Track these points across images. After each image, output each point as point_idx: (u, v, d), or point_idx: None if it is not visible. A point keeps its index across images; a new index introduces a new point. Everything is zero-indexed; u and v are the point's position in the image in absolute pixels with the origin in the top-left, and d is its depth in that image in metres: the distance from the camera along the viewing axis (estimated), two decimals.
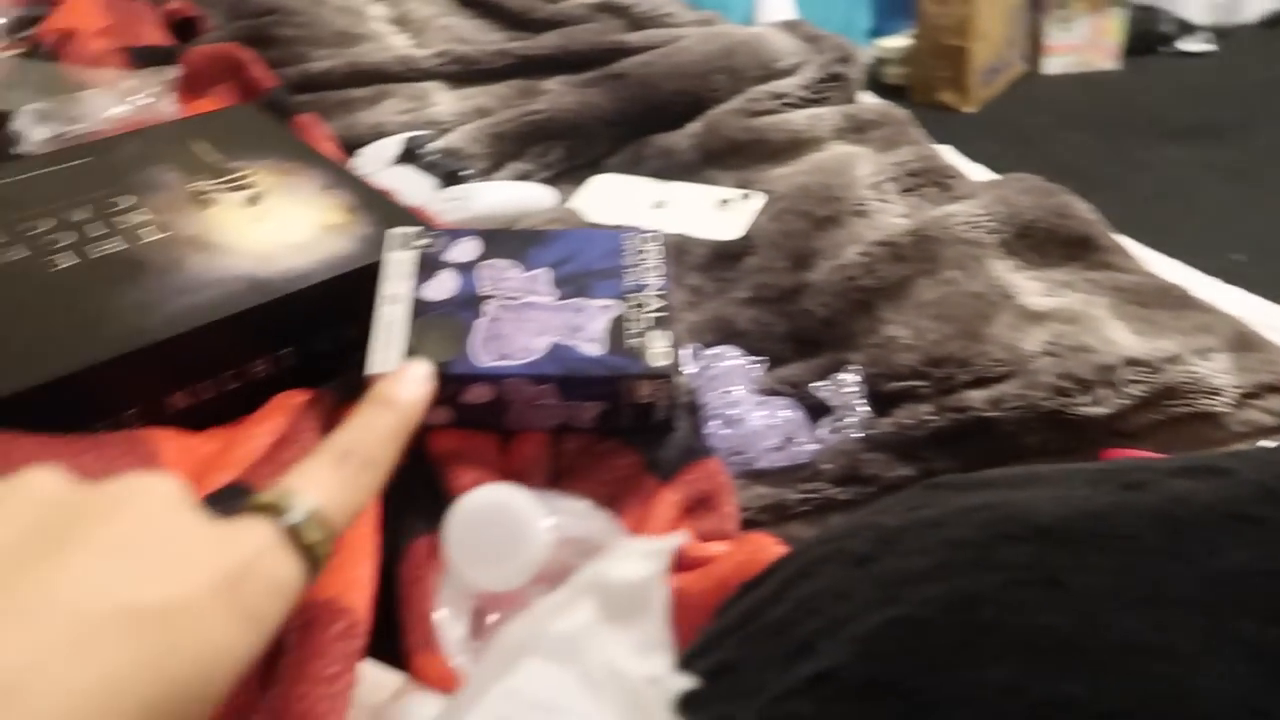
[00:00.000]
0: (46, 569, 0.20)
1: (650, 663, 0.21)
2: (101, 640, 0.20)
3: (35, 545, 0.20)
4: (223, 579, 0.23)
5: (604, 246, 0.56)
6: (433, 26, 1.15)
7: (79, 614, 0.20)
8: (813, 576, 0.33)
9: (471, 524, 0.28)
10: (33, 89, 0.81)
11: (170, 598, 0.21)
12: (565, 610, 0.23)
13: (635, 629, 0.21)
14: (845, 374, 0.59)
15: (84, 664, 0.19)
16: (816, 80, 0.90)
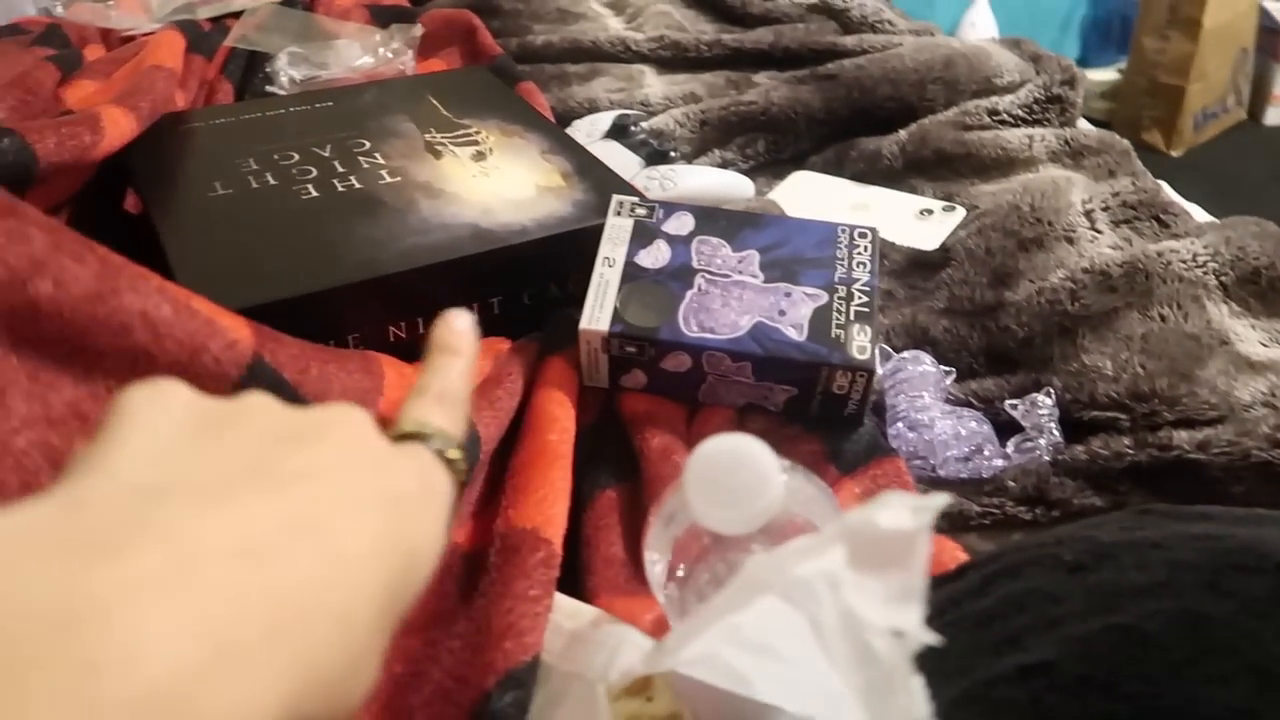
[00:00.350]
0: (300, 459, 0.23)
1: (899, 614, 0.22)
2: (358, 512, 0.22)
3: (282, 445, 0.23)
4: (419, 484, 0.26)
5: (817, 236, 0.57)
6: (648, 12, 1.18)
7: (338, 491, 0.22)
8: (1020, 577, 0.34)
9: (714, 467, 0.29)
10: (289, 35, 0.88)
11: (396, 490, 0.25)
12: (812, 554, 0.24)
13: (891, 579, 0.22)
14: (1040, 396, 0.58)
15: (368, 522, 0.22)
16: (1036, 100, 0.88)
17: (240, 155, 0.68)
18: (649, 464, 0.51)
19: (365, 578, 0.21)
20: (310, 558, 0.20)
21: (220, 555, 0.18)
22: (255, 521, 0.20)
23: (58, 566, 0.17)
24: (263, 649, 0.18)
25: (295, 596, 0.19)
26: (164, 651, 0.16)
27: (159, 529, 0.18)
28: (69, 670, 0.15)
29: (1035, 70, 0.94)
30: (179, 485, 0.20)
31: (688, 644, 0.27)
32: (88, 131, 0.56)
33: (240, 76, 0.86)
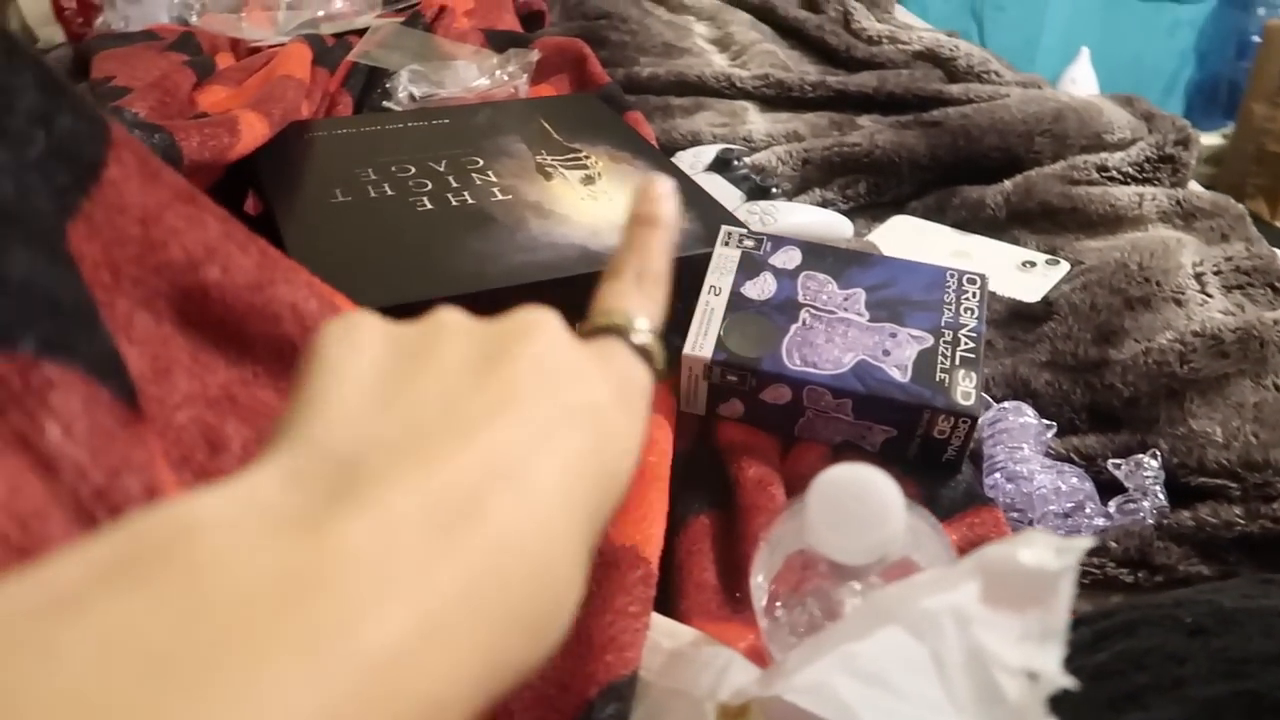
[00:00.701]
0: (491, 391, 0.22)
1: (1036, 654, 0.22)
2: (553, 443, 0.22)
3: (472, 376, 0.23)
4: (615, 387, 0.25)
5: (926, 279, 0.57)
6: (752, 51, 1.20)
7: (531, 424, 0.22)
8: (1136, 635, 0.33)
9: (840, 492, 0.29)
10: (409, 54, 0.91)
11: (592, 400, 0.24)
12: (943, 586, 0.24)
13: (1029, 617, 0.22)
14: (1145, 457, 0.56)
15: (562, 447, 0.22)
16: (1147, 158, 0.87)
17: (360, 165, 0.71)
18: (744, 493, 0.51)
19: (564, 510, 0.21)
20: (508, 508, 0.20)
21: (419, 522, 0.18)
22: (452, 479, 0.20)
23: (278, 539, 0.17)
24: (466, 612, 0.18)
25: (495, 552, 0.19)
26: (376, 623, 0.17)
27: (361, 500, 0.18)
28: (295, 639, 0.16)
29: (1148, 128, 0.92)
30: (376, 450, 0.20)
31: (801, 669, 0.27)
32: (227, 133, 0.59)
33: (360, 91, 0.89)
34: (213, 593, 0.16)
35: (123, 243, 0.28)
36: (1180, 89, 2.74)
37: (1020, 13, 2.53)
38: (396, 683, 0.16)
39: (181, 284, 0.30)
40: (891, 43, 1.20)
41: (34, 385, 0.21)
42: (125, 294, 0.28)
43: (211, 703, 0.14)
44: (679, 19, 1.33)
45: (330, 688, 0.15)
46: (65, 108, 0.27)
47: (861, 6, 1.30)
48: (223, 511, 0.18)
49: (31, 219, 0.24)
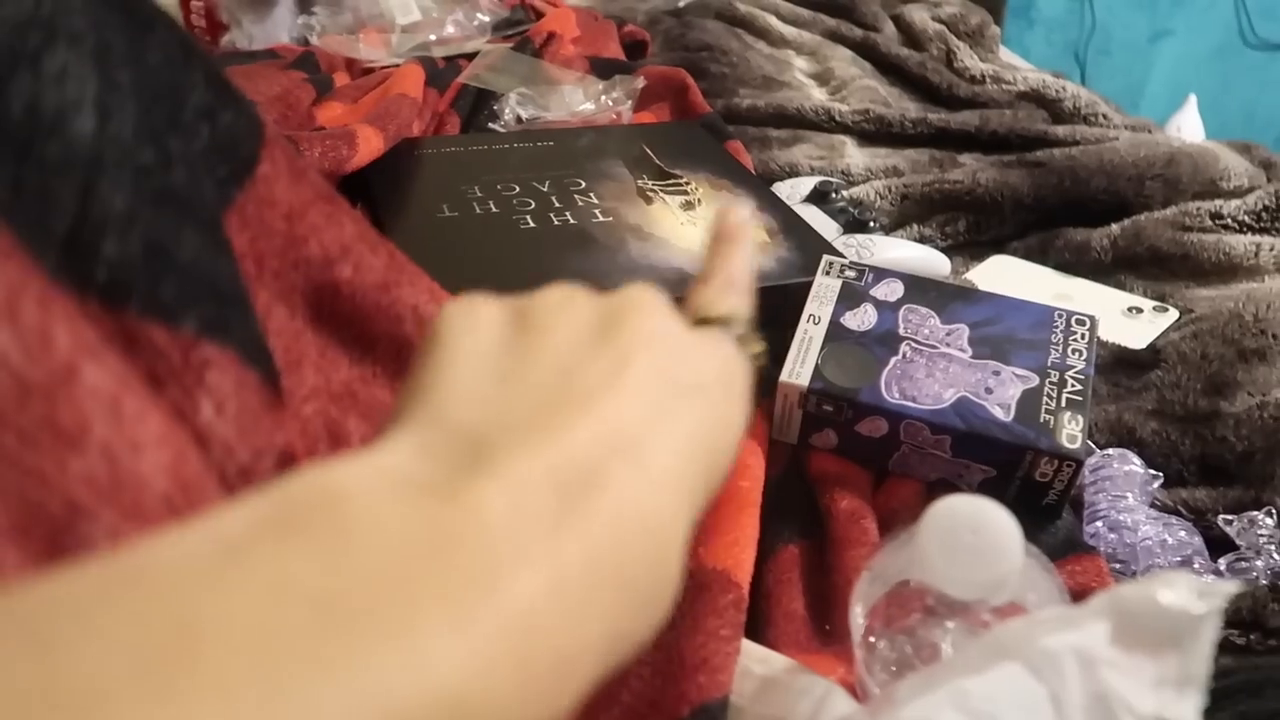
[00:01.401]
0: (604, 363, 0.24)
1: (1171, 701, 0.21)
2: (665, 416, 0.23)
3: (585, 349, 0.24)
4: (719, 371, 0.27)
5: (1032, 318, 0.56)
6: (852, 86, 1.19)
7: (644, 396, 0.23)
8: (1261, 697, 0.32)
9: (957, 522, 0.29)
10: (517, 77, 0.93)
11: (700, 380, 0.25)
12: (1069, 625, 0.23)
13: (1166, 661, 0.21)
14: (1260, 514, 0.54)
15: (674, 424, 0.23)
16: (1265, 207, 0.83)
17: (466, 182, 0.72)
18: (837, 525, 0.50)
19: (675, 487, 0.22)
20: (624, 479, 0.21)
21: (545, 490, 0.20)
22: (572, 450, 0.21)
23: (416, 502, 0.19)
24: (590, 578, 0.19)
25: (614, 522, 0.20)
26: (513, 580, 0.18)
27: (490, 470, 0.20)
28: (442, 591, 0.17)
29: (1266, 177, 0.89)
30: (498, 424, 0.21)
31: (912, 702, 0.27)
32: (345, 146, 0.61)
33: (468, 112, 0.92)
34: (362, 547, 0.17)
35: (269, 236, 0.29)
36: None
37: (1125, 59, 2.47)
38: (532, 638, 0.17)
39: (317, 280, 0.31)
40: (995, 82, 1.19)
41: (193, 363, 0.22)
42: (266, 286, 0.29)
43: (370, 643, 0.15)
44: (779, 53, 1.34)
45: (476, 636, 0.17)
46: (228, 104, 0.28)
47: (965, 46, 1.29)
48: (364, 477, 0.19)
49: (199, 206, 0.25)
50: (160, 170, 0.24)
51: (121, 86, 0.23)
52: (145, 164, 0.23)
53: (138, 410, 0.21)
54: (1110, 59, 2.47)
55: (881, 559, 0.33)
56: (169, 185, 0.24)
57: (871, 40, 1.32)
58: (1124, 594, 0.22)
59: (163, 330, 0.22)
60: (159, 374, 0.22)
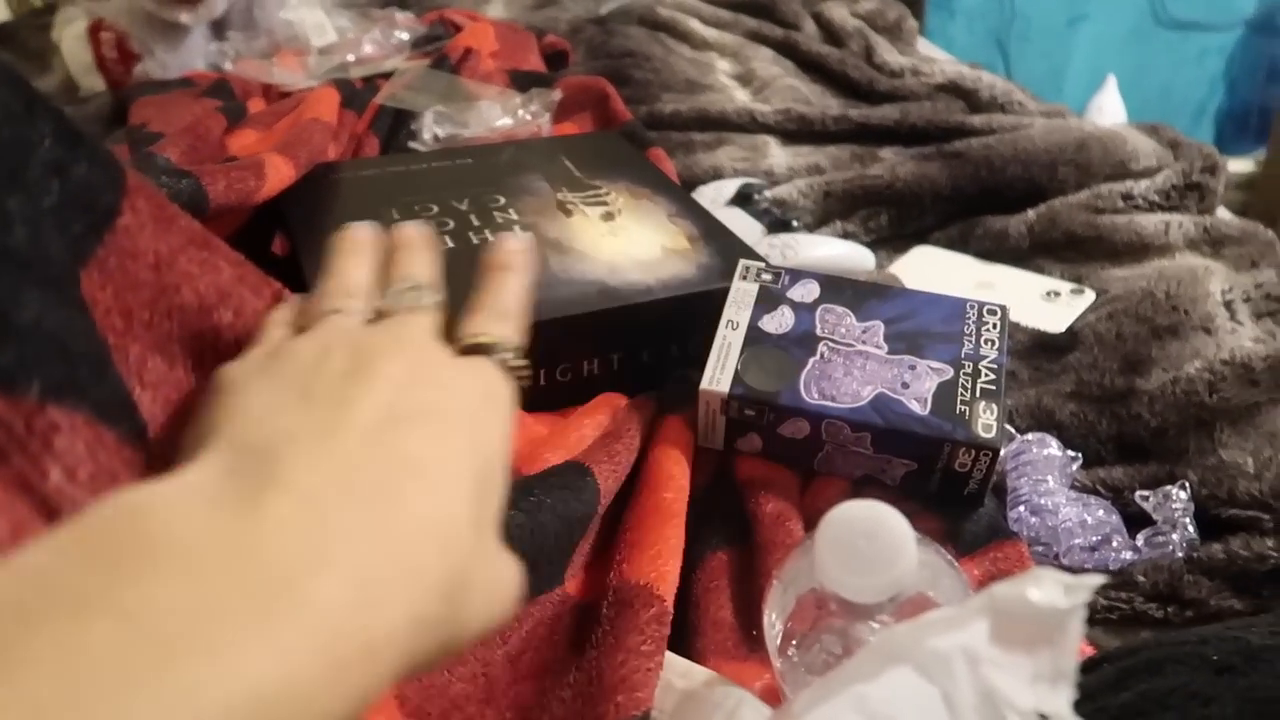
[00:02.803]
0: (378, 394, 0.26)
1: (1047, 696, 0.21)
2: (439, 438, 0.25)
3: (360, 380, 0.26)
4: (482, 395, 0.29)
5: (945, 311, 0.57)
6: (775, 86, 1.21)
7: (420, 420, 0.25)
8: (1160, 674, 0.32)
9: (849, 530, 0.29)
10: (435, 95, 0.93)
11: (465, 405, 0.27)
12: (952, 626, 0.23)
13: (1039, 658, 0.21)
14: (1174, 489, 0.55)
15: (437, 453, 0.25)
16: (1174, 186, 0.86)
17: (384, 205, 0.72)
18: (763, 529, 0.51)
19: (454, 492, 0.24)
20: (408, 487, 0.23)
21: (335, 499, 0.21)
22: (354, 463, 0.23)
23: (219, 514, 0.20)
24: (393, 573, 0.21)
25: (405, 522, 0.22)
26: (317, 580, 0.19)
27: (282, 481, 0.21)
28: (247, 597, 0.18)
29: (1174, 156, 0.91)
30: (284, 442, 0.23)
31: (812, 711, 0.27)
32: (253, 176, 0.61)
33: (386, 133, 0.91)
34: (166, 562, 0.18)
35: (135, 287, 0.29)
36: (1210, 116, 2.72)
37: (1046, 43, 2.53)
38: (336, 633, 0.19)
39: (195, 328, 0.30)
40: (914, 75, 1.20)
41: (38, 429, 0.22)
42: (137, 339, 0.29)
43: (179, 654, 0.16)
44: (702, 56, 1.34)
45: (281, 637, 0.18)
46: (82, 157, 0.28)
47: (884, 40, 1.31)
48: (166, 495, 0.20)
49: (44, 265, 0.25)
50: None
51: None
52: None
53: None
54: (1031, 45, 2.52)
55: (790, 567, 0.34)
56: (7, 246, 0.23)
57: (792, 39, 1.33)
58: (999, 592, 0.23)
59: (1, 399, 0.22)
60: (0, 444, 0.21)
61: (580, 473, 0.47)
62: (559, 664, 0.41)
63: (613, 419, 0.57)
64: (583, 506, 0.46)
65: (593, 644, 0.40)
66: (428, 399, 0.26)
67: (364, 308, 0.32)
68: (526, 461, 0.52)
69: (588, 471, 0.48)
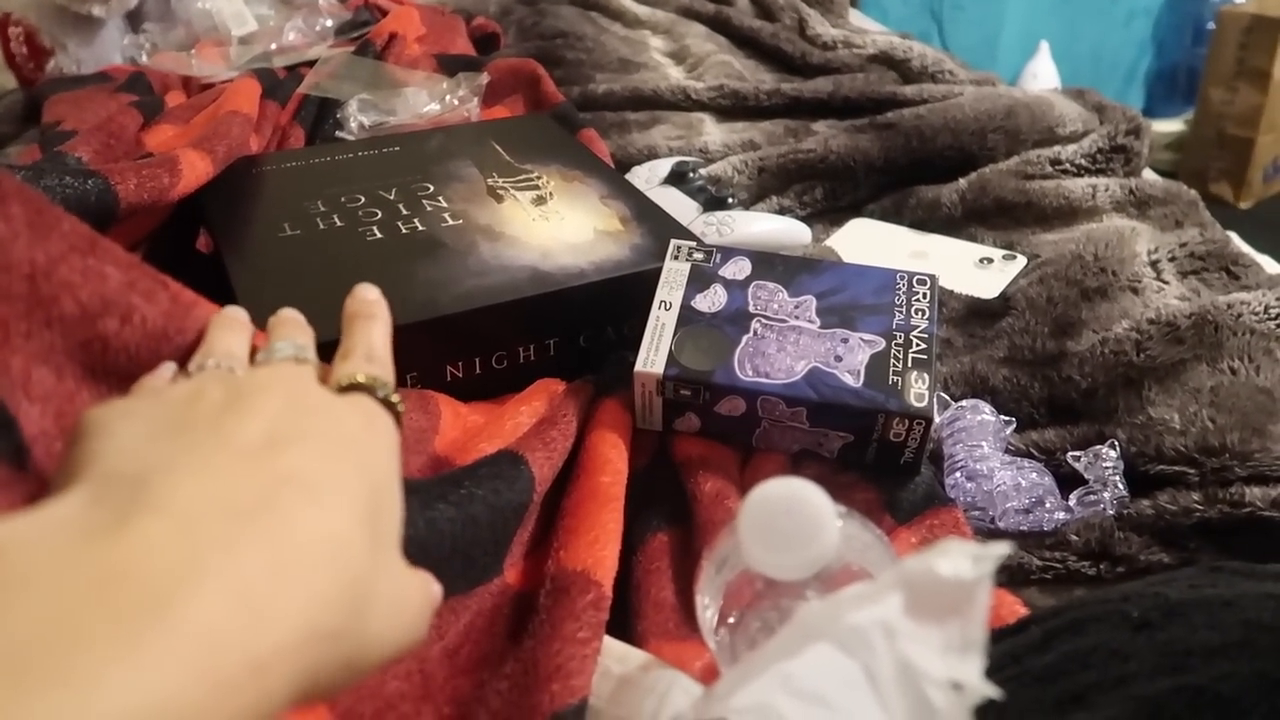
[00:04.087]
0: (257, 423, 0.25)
1: (958, 665, 0.21)
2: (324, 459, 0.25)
3: (238, 414, 0.26)
4: (364, 425, 0.28)
5: (875, 283, 0.57)
6: (708, 62, 1.20)
7: (302, 444, 0.25)
8: (1084, 633, 0.33)
9: (768, 510, 0.29)
10: (359, 82, 0.91)
11: (347, 433, 0.27)
12: (868, 601, 0.23)
13: (950, 628, 0.22)
14: (1104, 448, 0.56)
15: (335, 465, 0.25)
16: (1100, 150, 0.87)
17: (309, 197, 0.70)
18: (701, 508, 0.51)
19: (341, 506, 0.24)
20: (293, 502, 0.23)
21: (212, 517, 0.21)
22: (236, 483, 0.22)
23: (83, 547, 0.19)
24: (276, 585, 0.20)
25: (291, 536, 0.22)
26: (190, 600, 0.19)
27: (154, 505, 0.21)
28: (111, 627, 0.18)
29: (1099, 120, 0.93)
30: (157, 468, 0.22)
31: (738, 691, 0.27)
32: (166, 174, 0.59)
33: (312, 123, 0.89)
34: (24, 595, 0.18)
35: (9, 299, 0.28)
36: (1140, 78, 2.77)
37: (979, 11, 2.55)
38: (219, 648, 0.18)
39: (80, 337, 0.30)
40: (846, 47, 1.21)
41: None
42: (18, 351, 0.28)
43: (41, 687, 0.16)
44: (635, 34, 1.33)
45: (153, 658, 0.17)
46: None
47: (816, 13, 1.31)
48: (25, 532, 0.20)
49: None
50: None
51: None
52: None
53: None
54: (964, 13, 2.54)
55: (720, 548, 0.34)
56: None
57: (724, 15, 1.33)
58: (909, 566, 0.23)
59: None
60: None
61: (513, 461, 0.47)
62: (497, 656, 0.41)
63: (549, 405, 0.57)
64: (516, 495, 0.45)
65: (529, 633, 0.40)
66: (309, 425, 0.26)
67: (240, 365, 0.32)
68: (461, 452, 0.52)
69: (521, 460, 0.47)
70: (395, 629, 0.25)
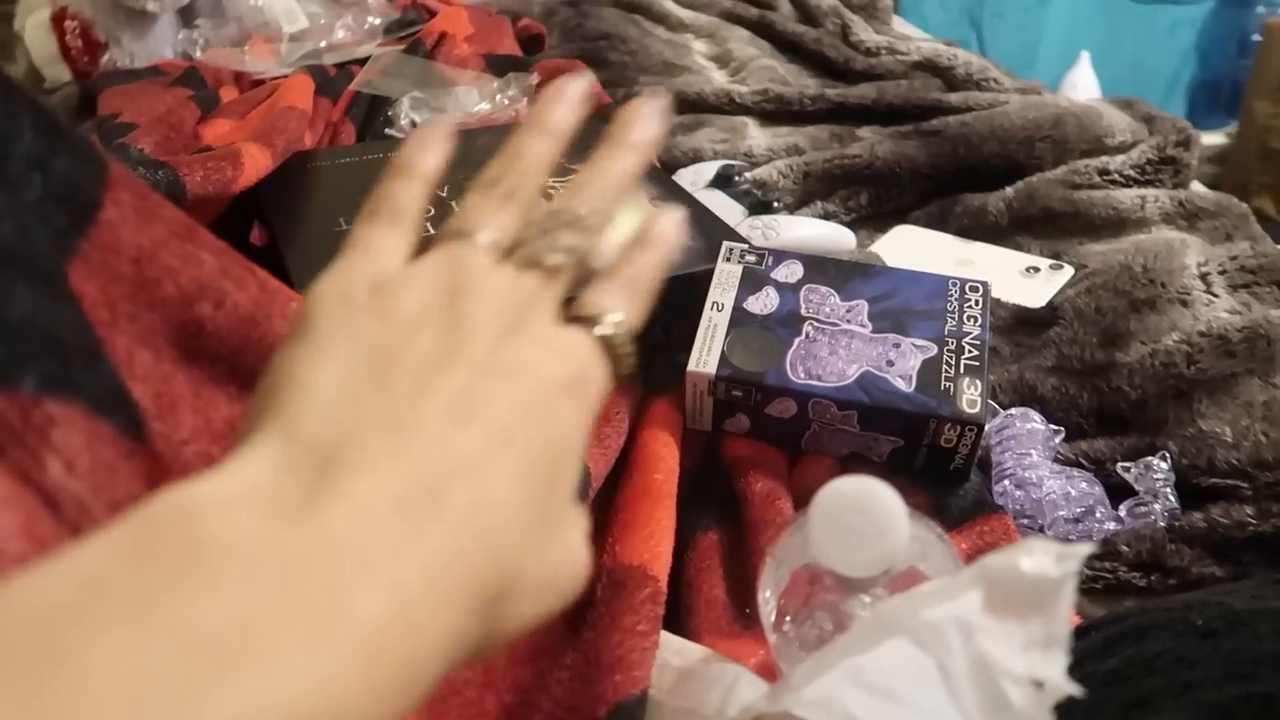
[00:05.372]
0: (461, 386, 0.24)
1: (1040, 662, 0.22)
2: (515, 432, 0.24)
3: (443, 366, 0.24)
4: (569, 378, 0.26)
5: (928, 288, 0.57)
6: (751, 67, 1.20)
7: (495, 412, 0.24)
8: (1148, 639, 0.33)
9: (842, 505, 0.29)
10: (410, 81, 0.92)
11: (545, 398, 0.25)
12: (946, 597, 0.24)
13: (1032, 626, 0.22)
14: (1155, 459, 0.56)
15: (505, 451, 0.24)
16: (1149, 160, 0.86)
17: (364, 193, 0.71)
18: (752, 508, 0.51)
19: (513, 503, 0.23)
20: (463, 501, 0.22)
21: (387, 513, 0.21)
22: (414, 473, 0.22)
23: (271, 522, 0.20)
24: (433, 591, 0.20)
25: (453, 540, 0.21)
26: (362, 600, 0.19)
27: (339, 490, 0.21)
28: (296, 616, 0.18)
29: (1149, 131, 0.92)
30: (349, 440, 0.22)
31: (810, 684, 0.27)
32: (230, 166, 0.60)
33: (362, 119, 0.90)
34: (217, 571, 0.18)
35: (118, 281, 0.28)
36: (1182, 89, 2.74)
37: (1019, 19, 2.53)
38: (378, 654, 0.19)
39: (177, 320, 0.30)
40: (890, 54, 1.20)
41: (35, 423, 0.22)
42: (123, 332, 0.29)
43: (230, 666, 0.17)
44: (678, 37, 1.34)
45: (326, 655, 0.18)
46: (63, 150, 0.27)
47: (859, 19, 1.31)
48: (218, 497, 0.20)
49: (32, 259, 0.24)
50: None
51: None
52: None
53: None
54: (1004, 20, 2.53)
55: (783, 544, 0.34)
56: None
57: (768, 19, 1.33)
58: (991, 563, 0.23)
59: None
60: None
61: None
62: (555, 646, 0.42)
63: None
64: None
65: (588, 625, 0.41)
66: (508, 389, 0.25)
67: (504, 232, 0.29)
68: None
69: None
70: (528, 612, 0.24)
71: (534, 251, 0.29)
